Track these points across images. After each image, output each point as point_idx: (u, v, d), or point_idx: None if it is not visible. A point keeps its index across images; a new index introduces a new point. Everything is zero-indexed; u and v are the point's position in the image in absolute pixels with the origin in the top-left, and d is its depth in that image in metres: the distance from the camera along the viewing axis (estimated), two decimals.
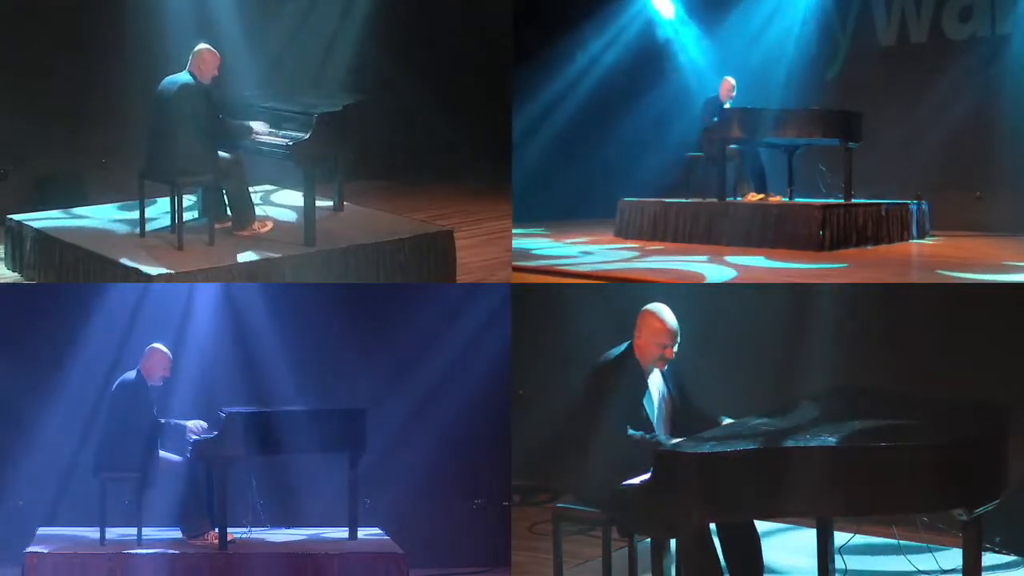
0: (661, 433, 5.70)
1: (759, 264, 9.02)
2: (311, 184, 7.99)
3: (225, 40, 9.15)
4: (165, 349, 6.95)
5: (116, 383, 6.89)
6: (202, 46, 7.86)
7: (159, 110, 7.82)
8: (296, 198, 8.74)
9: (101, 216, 8.75)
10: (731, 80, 11.08)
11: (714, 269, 8.81)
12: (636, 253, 9.91)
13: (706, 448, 5.06)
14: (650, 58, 13.29)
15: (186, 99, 7.70)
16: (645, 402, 5.70)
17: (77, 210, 8.99)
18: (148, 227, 8.08)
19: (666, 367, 5.83)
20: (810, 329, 7.89)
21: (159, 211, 8.27)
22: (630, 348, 5.75)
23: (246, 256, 7.76)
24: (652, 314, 5.74)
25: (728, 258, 9.25)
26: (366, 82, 9.94)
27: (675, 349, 5.74)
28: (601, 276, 8.67)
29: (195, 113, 7.71)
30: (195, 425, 6.88)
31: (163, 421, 6.91)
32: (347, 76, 10.26)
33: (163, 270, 7.43)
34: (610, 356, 5.76)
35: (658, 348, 5.70)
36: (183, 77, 7.75)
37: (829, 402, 5.79)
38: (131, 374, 6.87)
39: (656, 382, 5.80)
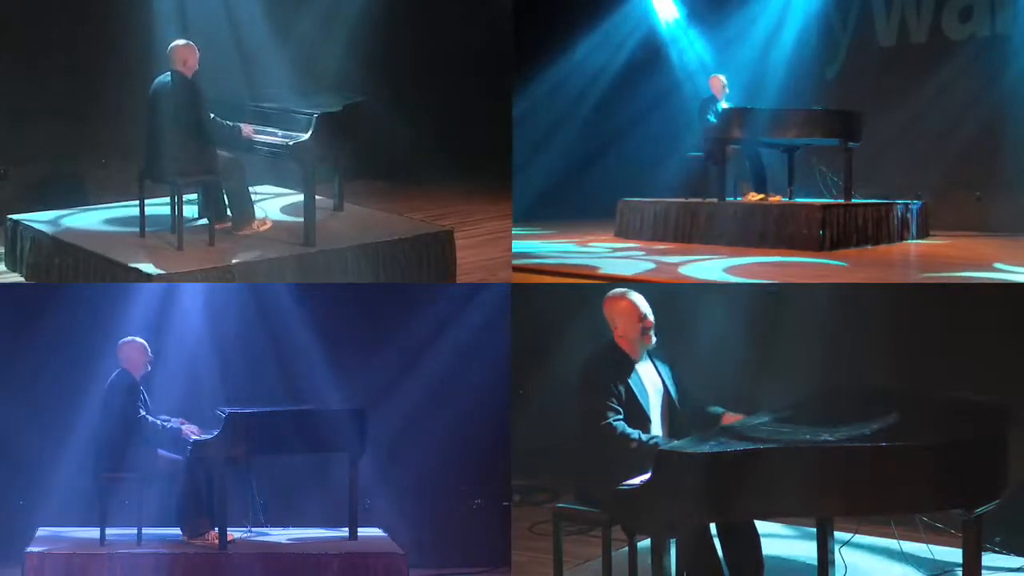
0: (658, 431, 5.70)
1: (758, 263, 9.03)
2: (311, 184, 7.99)
3: (226, 40, 9.16)
4: (138, 339, 6.96)
5: (106, 384, 6.88)
6: (178, 41, 7.85)
7: (153, 110, 7.82)
8: (296, 198, 8.74)
9: (101, 216, 8.75)
10: (721, 78, 11.07)
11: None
12: (636, 253, 9.90)
13: (706, 448, 5.06)
14: (650, 58, 13.28)
15: (174, 97, 7.70)
16: (641, 400, 5.70)
17: (77, 210, 8.99)
18: (148, 227, 8.08)
19: (660, 361, 5.83)
20: (810, 329, 7.89)
21: (159, 211, 8.27)
22: (612, 343, 5.76)
23: (246, 256, 7.75)
24: (615, 299, 5.79)
25: (726, 259, 9.25)
26: (366, 82, 9.94)
27: (652, 318, 5.75)
28: (602, 276, 8.67)
29: (186, 110, 7.71)
30: (188, 428, 6.88)
31: (159, 424, 6.88)
32: (346, 76, 10.26)
33: (163, 270, 7.43)
34: (594, 355, 5.78)
35: (639, 325, 5.72)
36: (168, 76, 7.75)
37: (828, 402, 5.79)
38: (116, 373, 6.86)
39: (652, 380, 5.80)
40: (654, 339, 5.79)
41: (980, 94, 11.18)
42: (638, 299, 5.78)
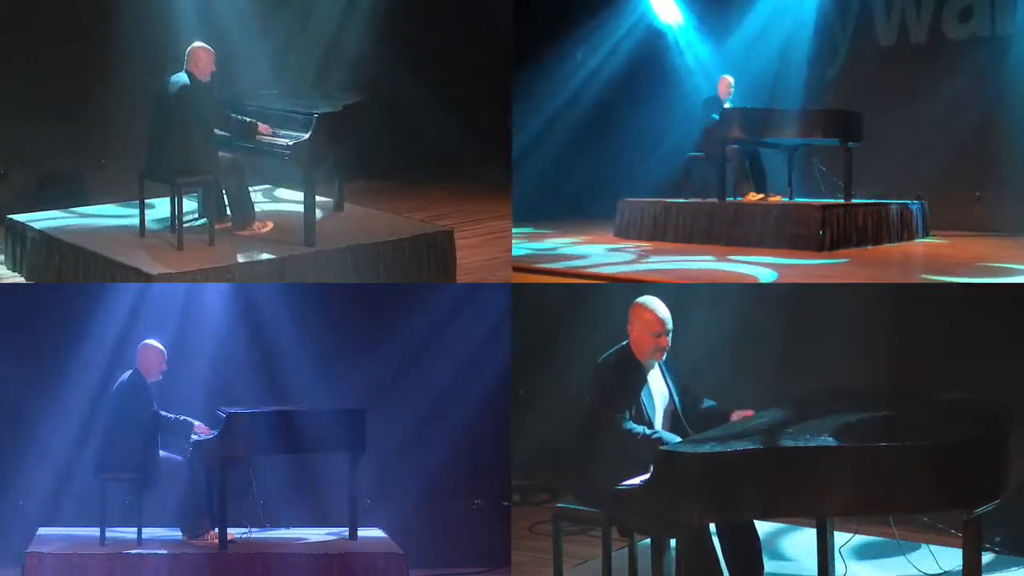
0: (660, 428, 5.70)
1: (759, 263, 9.02)
2: (311, 184, 7.99)
3: (226, 40, 9.16)
4: (158, 344, 6.96)
5: (115, 383, 6.89)
6: (196, 44, 7.86)
7: (159, 110, 7.83)
8: (296, 198, 8.75)
9: (101, 216, 8.76)
10: (729, 78, 11.09)
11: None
12: (636, 253, 9.91)
13: (706, 448, 5.06)
14: (650, 57, 13.29)
15: (186, 99, 7.71)
16: (646, 401, 5.70)
17: (77, 210, 8.99)
18: (148, 227, 8.08)
19: (667, 366, 5.84)
20: (810, 329, 7.89)
21: (159, 211, 8.28)
22: (627, 346, 5.77)
23: (246, 256, 7.76)
24: (641, 306, 5.77)
25: (731, 258, 9.26)
26: (366, 82, 9.94)
27: (669, 338, 5.75)
28: (601, 276, 8.67)
29: (196, 112, 7.72)
30: (201, 426, 6.89)
31: (172, 417, 6.90)
32: (347, 76, 10.26)
33: (163, 270, 7.43)
34: (608, 356, 5.78)
35: (652, 339, 5.72)
36: (182, 77, 7.75)
37: (828, 402, 5.79)
38: (128, 374, 6.87)
39: (657, 382, 5.80)
40: (664, 356, 5.79)
41: (980, 94, 11.18)
42: (663, 314, 5.75)
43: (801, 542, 6.99)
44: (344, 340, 7.98)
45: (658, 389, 5.79)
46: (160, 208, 8.31)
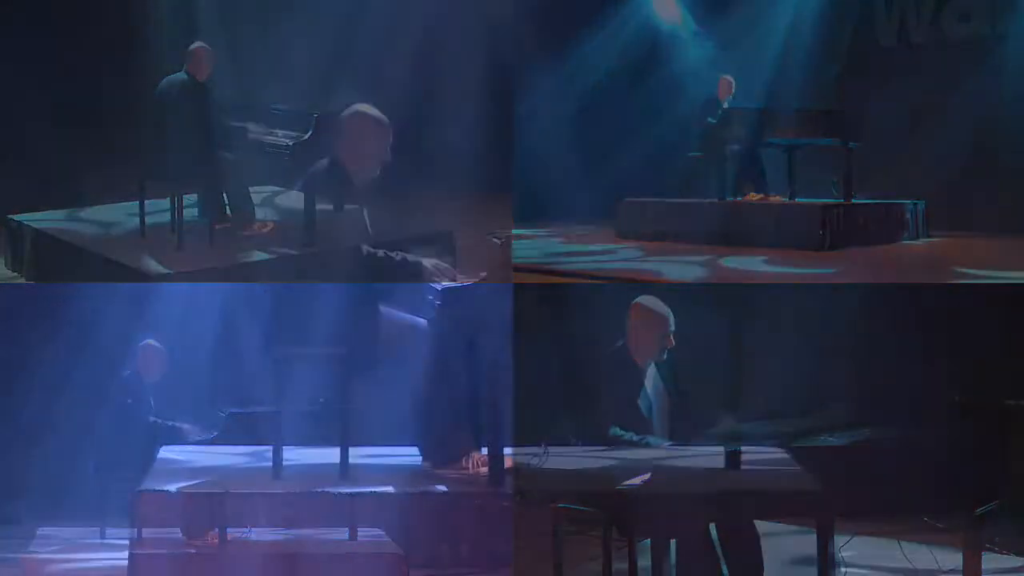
0: (658, 430, 5.70)
1: (758, 264, 9.03)
2: None
3: (226, 40, 9.17)
4: (157, 344, 6.97)
5: (114, 384, 6.90)
6: (196, 44, 7.89)
7: (159, 110, 7.84)
8: (296, 198, 8.74)
9: (101, 216, 8.75)
10: (729, 79, 11.09)
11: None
12: (636, 253, 9.91)
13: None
14: (650, 57, 13.29)
15: (185, 99, 7.72)
16: (641, 399, 5.70)
17: (77, 210, 8.99)
18: (148, 227, 8.08)
19: (663, 365, 5.83)
20: (810, 329, 7.88)
21: (159, 211, 8.27)
22: (623, 348, 5.75)
23: (246, 256, 7.76)
24: (645, 307, 5.73)
25: (727, 258, 9.26)
26: (366, 82, 9.94)
27: (673, 337, 5.73)
28: (601, 276, 8.67)
29: (195, 112, 7.73)
30: (189, 427, 6.89)
31: (162, 423, 6.91)
32: (347, 77, 10.25)
33: (163, 270, 7.43)
34: (604, 359, 5.76)
35: (660, 339, 5.70)
36: (181, 77, 7.77)
37: (829, 402, 5.79)
38: (127, 374, 6.88)
39: (651, 378, 5.79)
40: (664, 355, 5.78)
41: (980, 94, 11.19)
42: (668, 313, 5.73)
43: (801, 542, 6.99)
44: (344, 340, 7.96)
45: (652, 386, 5.78)
46: (160, 207, 8.32)
